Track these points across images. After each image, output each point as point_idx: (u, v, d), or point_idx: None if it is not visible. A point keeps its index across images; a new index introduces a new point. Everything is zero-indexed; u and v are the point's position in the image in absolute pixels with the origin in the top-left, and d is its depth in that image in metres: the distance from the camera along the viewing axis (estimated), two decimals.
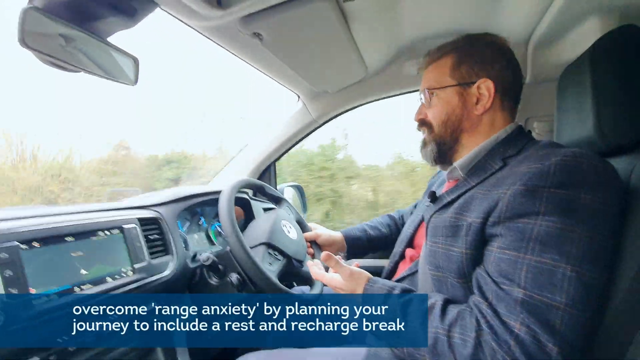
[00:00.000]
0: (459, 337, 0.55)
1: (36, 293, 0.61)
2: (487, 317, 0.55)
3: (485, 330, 0.54)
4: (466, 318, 0.57)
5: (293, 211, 1.22)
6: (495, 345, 0.52)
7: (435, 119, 0.76)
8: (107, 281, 0.73)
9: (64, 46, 0.64)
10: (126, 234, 0.80)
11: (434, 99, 0.75)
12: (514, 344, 0.51)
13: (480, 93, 0.71)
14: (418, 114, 0.80)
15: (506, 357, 0.51)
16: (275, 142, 1.51)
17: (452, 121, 0.74)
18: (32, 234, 0.63)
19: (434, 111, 0.76)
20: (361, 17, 0.87)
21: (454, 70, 0.73)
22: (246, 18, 0.73)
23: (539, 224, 0.53)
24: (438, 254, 0.67)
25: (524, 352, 0.50)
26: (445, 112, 0.74)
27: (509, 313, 0.53)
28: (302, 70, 1.09)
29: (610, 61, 0.63)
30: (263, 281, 0.82)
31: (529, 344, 0.50)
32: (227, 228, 0.85)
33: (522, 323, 0.51)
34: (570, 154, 0.55)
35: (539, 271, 0.52)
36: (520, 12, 0.91)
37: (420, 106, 0.80)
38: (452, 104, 0.73)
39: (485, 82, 0.70)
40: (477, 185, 0.66)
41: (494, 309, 0.55)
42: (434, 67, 0.77)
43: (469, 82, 0.72)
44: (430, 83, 0.76)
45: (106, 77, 0.71)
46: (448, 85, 0.73)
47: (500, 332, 0.52)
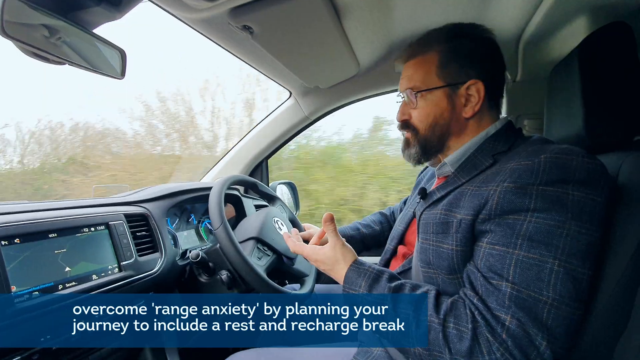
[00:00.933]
0: (454, 327, 0.55)
1: (17, 291, 0.59)
2: (480, 310, 0.55)
3: (480, 322, 0.54)
4: (460, 309, 0.57)
5: (286, 210, 1.21)
6: (490, 336, 0.52)
7: (421, 122, 0.72)
8: (93, 279, 0.71)
9: (47, 37, 0.62)
10: (112, 230, 0.78)
11: (420, 99, 0.71)
12: (506, 336, 0.51)
13: (469, 94, 0.68)
14: (401, 114, 0.74)
15: (500, 349, 0.51)
16: (267, 139, 1.49)
17: (440, 125, 0.70)
18: (12, 229, 0.61)
19: (420, 113, 0.71)
20: (353, 12, 0.86)
21: (442, 69, 0.69)
22: (236, 10, 0.72)
23: (528, 220, 0.53)
24: (429, 251, 0.67)
25: (516, 344, 0.51)
26: (432, 115, 0.70)
27: (499, 307, 0.53)
28: (294, 66, 1.08)
29: (598, 58, 0.64)
30: (251, 276, 0.81)
31: (520, 336, 0.51)
32: (216, 223, 0.84)
33: (513, 316, 0.51)
34: (560, 150, 0.56)
35: (527, 266, 0.52)
36: (512, 9, 0.91)
37: (403, 105, 0.74)
38: (441, 106, 0.70)
39: (476, 84, 0.67)
40: (467, 181, 0.66)
41: (484, 303, 0.55)
42: (419, 64, 0.72)
43: (458, 82, 0.68)
44: (415, 83, 0.71)
45: (92, 69, 0.69)
46: (436, 87, 0.69)
47: (493, 324, 0.53)
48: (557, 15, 0.81)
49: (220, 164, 1.54)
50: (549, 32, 0.89)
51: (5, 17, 0.54)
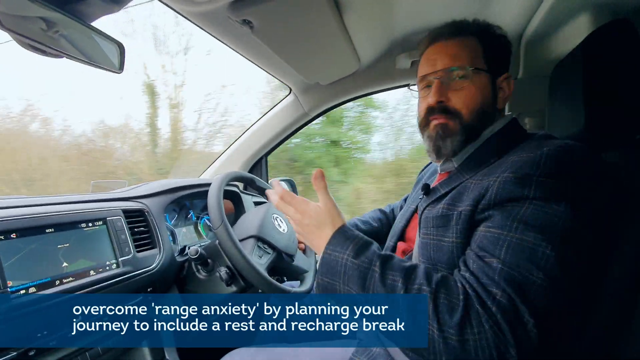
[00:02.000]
0: (445, 298, 0.53)
1: (14, 286, 0.58)
2: (471, 283, 0.54)
3: (471, 294, 0.53)
4: (450, 282, 0.55)
5: None
6: (480, 309, 0.51)
7: (467, 106, 0.66)
8: (91, 274, 0.70)
9: (45, 30, 0.61)
10: (110, 226, 0.77)
11: (463, 80, 0.65)
12: (496, 308, 0.50)
13: (502, 87, 0.68)
14: (439, 94, 0.66)
15: (489, 320, 0.50)
16: (266, 135, 1.49)
17: (484, 111, 0.66)
18: (9, 224, 0.61)
19: (465, 95, 0.66)
20: (354, 7, 0.86)
21: (486, 54, 0.67)
22: (236, 3, 0.71)
23: (526, 207, 0.53)
24: (430, 246, 0.67)
25: (506, 318, 0.49)
26: (479, 99, 0.66)
27: (490, 281, 0.52)
28: (294, 61, 1.07)
29: (601, 56, 0.63)
30: (251, 274, 0.81)
31: (510, 311, 0.49)
32: (215, 220, 0.83)
33: (504, 291, 0.50)
34: (563, 145, 0.55)
35: (520, 248, 0.52)
36: (514, 7, 0.90)
37: (438, 86, 0.66)
38: (485, 92, 0.67)
39: (509, 77, 0.68)
40: (471, 177, 0.66)
41: (476, 277, 0.54)
42: (463, 44, 0.67)
43: (500, 71, 0.68)
44: (462, 61, 0.65)
45: (90, 63, 0.69)
46: (483, 69, 0.66)
47: (484, 297, 0.52)
48: (559, 13, 0.81)
49: (219, 160, 1.53)
50: (551, 30, 0.89)
51: (2, 9, 0.53)
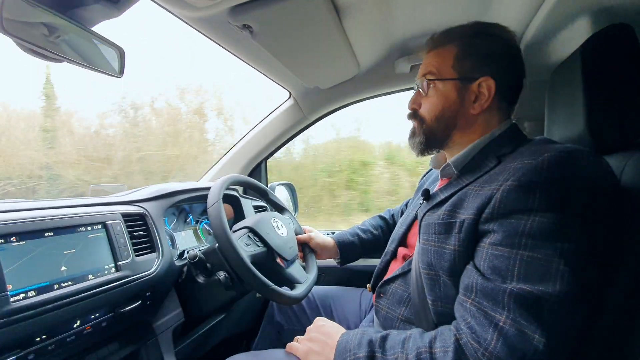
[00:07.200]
0: (441, 349, 0.55)
1: (13, 290, 0.58)
2: (469, 315, 0.54)
3: (465, 332, 0.53)
4: (445, 332, 0.57)
5: (294, 222, 1.19)
6: (475, 344, 0.51)
7: (428, 113, 0.73)
8: (89, 278, 0.70)
9: (46, 35, 0.61)
10: (109, 230, 0.77)
11: (431, 89, 0.72)
12: (496, 338, 0.50)
13: (480, 91, 0.69)
14: (412, 102, 0.77)
15: (485, 353, 0.50)
16: (266, 139, 1.49)
17: (446, 117, 0.71)
18: (8, 228, 0.60)
19: (429, 103, 0.73)
20: (354, 12, 0.86)
21: (458, 61, 0.70)
22: (236, 8, 0.72)
23: (532, 220, 0.52)
24: (430, 252, 0.66)
25: (506, 345, 0.49)
26: (440, 106, 0.71)
27: (494, 307, 0.52)
28: (294, 66, 1.08)
29: (601, 60, 0.63)
30: (250, 279, 0.80)
31: (513, 336, 0.49)
32: (214, 221, 0.82)
33: (508, 316, 0.50)
34: (564, 149, 0.55)
35: (532, 265, 0.51)
36: (513, 11, 0.91)
37: (415, 94, 0.76)
38: (450, 99, 0.70)
39: (487, 81, 0.68)
40: (471, 183, 0.65)
41: (478, 305, 0.54)
42: (437, 54, 0.73)
43: (471, 77, 0.69)
44: (431, 70, 0.72)
45: (90, 67, 0.69)
46: (448, 78, 0.70)
47: (480, 330, 0.52)
48: (558, 17, 0.81)
49: (219, 164, 1.53)
50: (550, 34, 0.89)
51: (5, 15, 0.53)
